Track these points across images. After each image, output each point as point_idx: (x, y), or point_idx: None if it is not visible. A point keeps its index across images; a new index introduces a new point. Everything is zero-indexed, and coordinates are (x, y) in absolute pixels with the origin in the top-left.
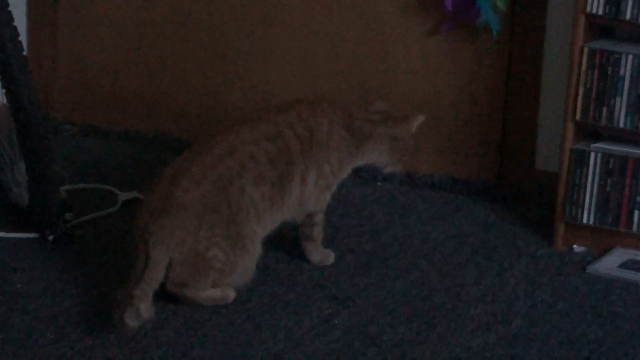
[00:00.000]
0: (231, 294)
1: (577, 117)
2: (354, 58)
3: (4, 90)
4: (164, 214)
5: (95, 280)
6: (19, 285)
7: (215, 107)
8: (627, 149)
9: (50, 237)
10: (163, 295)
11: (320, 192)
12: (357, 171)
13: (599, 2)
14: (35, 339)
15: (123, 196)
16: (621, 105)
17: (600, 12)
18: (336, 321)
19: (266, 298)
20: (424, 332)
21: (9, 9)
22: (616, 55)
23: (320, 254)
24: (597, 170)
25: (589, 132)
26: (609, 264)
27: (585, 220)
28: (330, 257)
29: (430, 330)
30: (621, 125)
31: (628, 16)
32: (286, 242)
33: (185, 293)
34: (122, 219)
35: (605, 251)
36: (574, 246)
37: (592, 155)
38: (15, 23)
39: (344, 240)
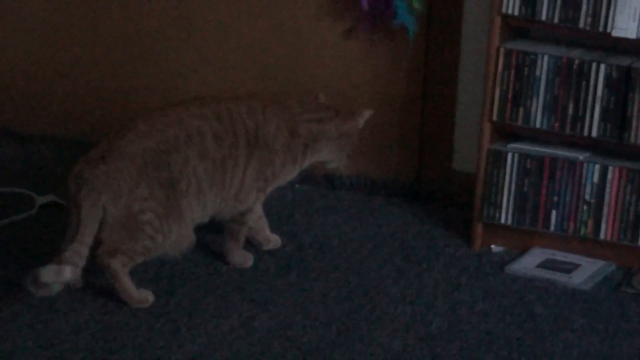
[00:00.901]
0: (150, 297)
1: (494, 117)
2: (270, 56)
3: None
4: (101, 161)
5: (12, 285)
6: None
7: (130, 109)
8: (544, 149)
9: None
10: (81, 300)
11: (257, 191)
12: None
13: (514, 3)
14: None
15: (40, 200)
16: (537, 106)
17: (516, 12)
18: (255, 324)
19: (185, 301)
20: (344, 334)
21: None
22: (532, 56)
23: (240, 256)
24: (515, 170)
25: (506, 133)
26: (527, 264)
27: (503, 221)
28: (249, 259)
29: (350, 331)
30: (537, 125)
31: (543, 17)
32: (204, 246)
33: (112, 265)
34: (40, 223)
35: (523, 251)
36: (492, 246)
37: (509, 155)
38: None
39: None
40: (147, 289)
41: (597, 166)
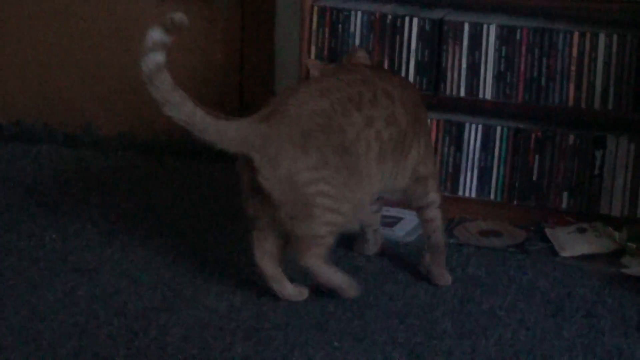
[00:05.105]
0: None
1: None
2: (84, 23)
3: None
4: (266, 122)
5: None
6: None
7: None
8: None
9: None
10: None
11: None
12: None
13: None
14: None
15: None
16: None
17: None
18: (80, 293)
19: (9, 274)
20: (170, 299)
21: None
22: (345, 13)
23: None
24: None
25: None
26: None
27: None
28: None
29: (177, 296)
30: None
31: None
32: (24, 221)
33: (307, 266)
34: None
35: None
36: None
37: None
38: None
39: (84, 211)
40: None
41: None
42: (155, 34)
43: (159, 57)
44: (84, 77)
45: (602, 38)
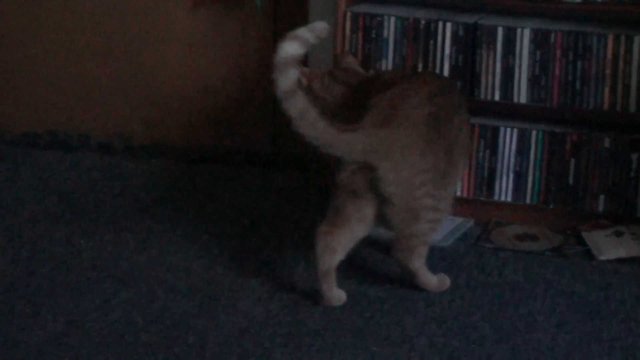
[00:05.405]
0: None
1: None
2: (117, 31)
3: None
4: (384, 125)
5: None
6: None
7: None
8: None
9: None
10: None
11: None
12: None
13: None
14: None
15: None
16: (387, 67)
17: None
18: (117, 300)
19: (45, 282)
20: (207, 305)
21: None
22: (379, 18)
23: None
24: None
25: None
26: None
27: None
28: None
29: (214, 302)
30: None
31: None
32: (60, 229)
33: (410, 267)
34: None
35: None
36: None
37: None
38: None
39: (119, 218)
40: None
41: None
42: (290, 48)
43: (294, 73)
44: (118, 85)
45: (636, 40)
